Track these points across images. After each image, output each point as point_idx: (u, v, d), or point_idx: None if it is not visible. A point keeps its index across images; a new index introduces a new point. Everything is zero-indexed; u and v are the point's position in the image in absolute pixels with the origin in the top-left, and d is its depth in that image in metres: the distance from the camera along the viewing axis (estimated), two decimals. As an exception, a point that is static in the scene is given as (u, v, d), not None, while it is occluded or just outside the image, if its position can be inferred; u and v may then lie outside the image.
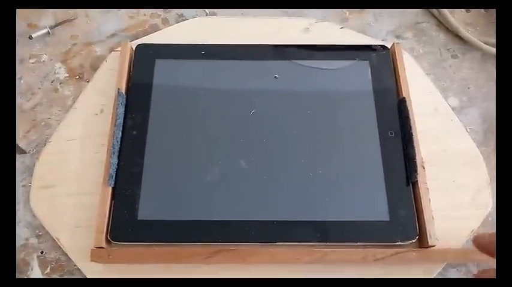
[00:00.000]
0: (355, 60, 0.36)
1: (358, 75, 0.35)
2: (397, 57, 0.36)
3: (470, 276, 0.32)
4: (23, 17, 0.40)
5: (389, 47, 0.37)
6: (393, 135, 0.33)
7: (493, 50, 0.38)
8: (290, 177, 0.32)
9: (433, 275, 0.31)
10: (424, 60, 0.39)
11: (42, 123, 0.36)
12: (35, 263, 0.32)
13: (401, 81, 0.35)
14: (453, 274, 0.32)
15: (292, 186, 0.32)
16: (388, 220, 0.31)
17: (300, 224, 0.30)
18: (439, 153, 0.34)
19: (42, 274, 0.31)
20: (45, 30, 0.39)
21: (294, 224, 0.30)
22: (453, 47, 0.40)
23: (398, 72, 0.35)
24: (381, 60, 0.36)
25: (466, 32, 0.39)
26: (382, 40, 0.39)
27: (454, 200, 0.33)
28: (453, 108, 0.36)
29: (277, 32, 0.39)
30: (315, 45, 0.37)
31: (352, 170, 0.32)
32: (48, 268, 0.31)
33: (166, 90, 0.35)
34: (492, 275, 0.24)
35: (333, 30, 0.39)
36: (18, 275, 0.31)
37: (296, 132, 0.33)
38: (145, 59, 0.36)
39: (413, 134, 0.33)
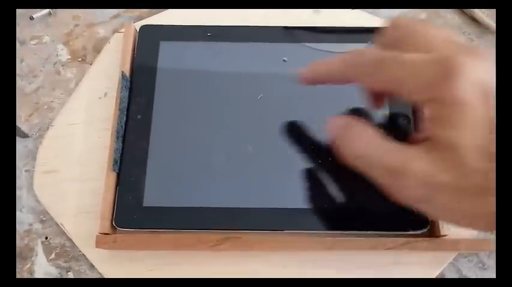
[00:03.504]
0: (367, 43, 0.35)
1: (370, 59, 0.34)
2: (410, 40, 0.34)
3: (480, 266, 0.31)
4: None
5: (402, 30, 0.35)
6: (405, 121, 0.32)
7: (510, 33, 0.37)
8: (299, 163, 0.31)
9: (444, 265, 0.30)
10: (438, 44, 0.38)
11: (45, 107, 0.35)
12: (39, 249, 0.31)
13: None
14: (464, 263, 0.31)
15: (301, 173, 0.31)
16: (399, 208, 0.30)
17: (309, 212, 0.30)
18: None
19: (47, 260, 0.31)
20: (46, 11, 0.38)
21: (303, 211, 0.30)
22: (468, 30, 0.38)
23: (411, 56, 0.34)
24: (394, 44, 0.35)
25: (482, 15, 0.38)
26: (395, 22, 0.38)
27: (466, 188, 0.32)
28: (467, 94, 0.35)
29: (286, 13, 0.37)
30: (325, 27, 0.36)
31: (362, 157, 0.31)
32: (53, 254, 0.31)
33: (172, 73, 0.34)
34: None
35: (344, 11, 0.38)
36: (22, 262, 0.31)
37: (305, 117, 0.32)
38: (149, 40, 0.34)
39: (426, 119, 0.32)
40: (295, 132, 0.32)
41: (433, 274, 0.30)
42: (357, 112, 0.33)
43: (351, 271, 0.30)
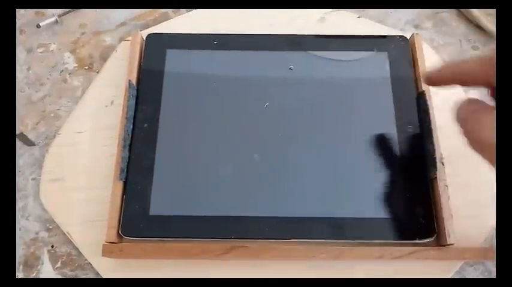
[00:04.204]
0: (372, 51, 0.35)
1: (376, 67, 0.34)
2: (416, 48, 0.35)
3: (486, 275, 0.31)
4: (31, 4, 0.39)
5: (408, 38, 0.35)
6: (412, 129, 0.32)
7: (516, 41, 0.37)
8: (305, 172, 0.31)
9: (450, 273, 0.30)
10: (444, 52, 0.38)
11: (52, 115, 0.35)
12: (45, 258, 0.31)
13: (420, 74, 0.34)
14: (471, 272, 0.31)
15: (308, 181, 0.31)
16: (405, 217, 0.30)
17: (316, 221, 0.30)
18: (459, 149, 0.33)
19: (53, 268, 0.31)
20: (53, 19, 0.38)
21: (309, 220, 0.30)
22: (474, 38, 0.39)
23: (417, 64, 0.34)
24: (400, 52, 0.35)
25: (487, 23, 0.38)
26: (401, 30, 0.38)
27: (473, 197, 0.32)
28: (473, 102, 0.35)
29: (292, 21, 0.38)
30: (331, 35, 0.36)
31: (369, 166, 0.31)
32: (59, 263, 0.31)
33: (178, 81, 0.34)
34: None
35: (350, 19, 0.38)
36: (28, 270, 0.31)
37: (311, 126, 0.32)
38: (156, 49, 0.35)
39: (433, 128, 0.32)
40: (302, 141, 0.32)
41: (440, 283, 0.30)
42: None
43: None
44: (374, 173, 0.31)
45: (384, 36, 0.36)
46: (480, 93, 0.36)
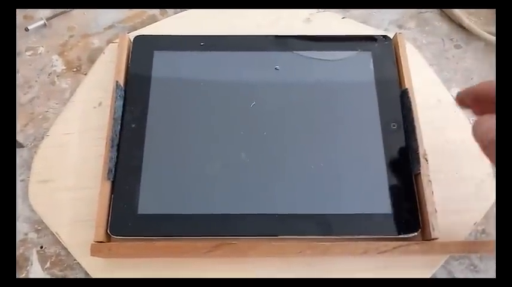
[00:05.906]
0: (357, 51, 0.35)
1: (360, 66, 0.35)
2: (399, 47, 0.35)
3: (472, 269, 0.32)
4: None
5: (391, 38, 0.36)
6: (395, 127, 0.33)
7: (497, 39, 0.38)
8: (291, 170, 0.31)
9: (436, 268, 0.31)
10: (427, 51, 0.38)
11: (40, 117, 0.35)
12: (34, 258, 0.31)
13: (403, 72, 0.34)
14: (456, 266, 0.32)
15: (294, 179, 0.31)
16: (390, 212, 0.30)
17: (302, 217, 0.30)
18: (442, 145, 0.34)
19: (42, 269, 0.31)
20: (41, 22, 0.38)
21: (295, 217, 0.30)
22: (456, 37, 0.39)
23: (400, 63, 0.35)
24: (383, 51, 0.35)
25: (469, 22, 0.39)
26: (385, 30, 0.39)
27: (457, 192, 0.32)
28: (456, 100, 0.36)
29: (278, 22, 0.38)
30: (316, 35, 0.36)
31: (354, 163, 0.32)
32: (48, 263, 0.31)
33: (165, 82, 0.34)
34: None
35: (335, 20, 0.39)
36: (17, 271, 0.31)
37: (297, 125, 0.33)
38: (143, 50, 0.35)
39: (416, 125, 0.32)
40: (288, 139, 0.32)
41: (425, 276, 0.31)
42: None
43: (345, 275, 0.30)
44: (359, 170, 0.32)
45: (368, 36, 0.36)
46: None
